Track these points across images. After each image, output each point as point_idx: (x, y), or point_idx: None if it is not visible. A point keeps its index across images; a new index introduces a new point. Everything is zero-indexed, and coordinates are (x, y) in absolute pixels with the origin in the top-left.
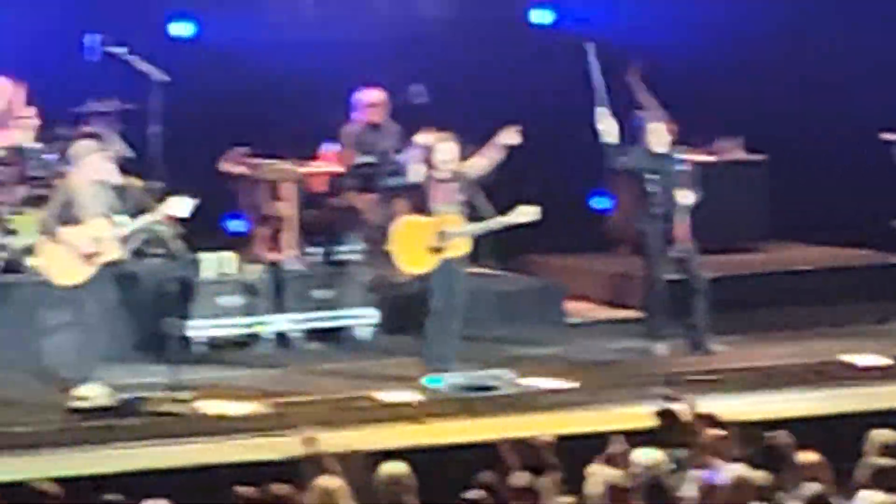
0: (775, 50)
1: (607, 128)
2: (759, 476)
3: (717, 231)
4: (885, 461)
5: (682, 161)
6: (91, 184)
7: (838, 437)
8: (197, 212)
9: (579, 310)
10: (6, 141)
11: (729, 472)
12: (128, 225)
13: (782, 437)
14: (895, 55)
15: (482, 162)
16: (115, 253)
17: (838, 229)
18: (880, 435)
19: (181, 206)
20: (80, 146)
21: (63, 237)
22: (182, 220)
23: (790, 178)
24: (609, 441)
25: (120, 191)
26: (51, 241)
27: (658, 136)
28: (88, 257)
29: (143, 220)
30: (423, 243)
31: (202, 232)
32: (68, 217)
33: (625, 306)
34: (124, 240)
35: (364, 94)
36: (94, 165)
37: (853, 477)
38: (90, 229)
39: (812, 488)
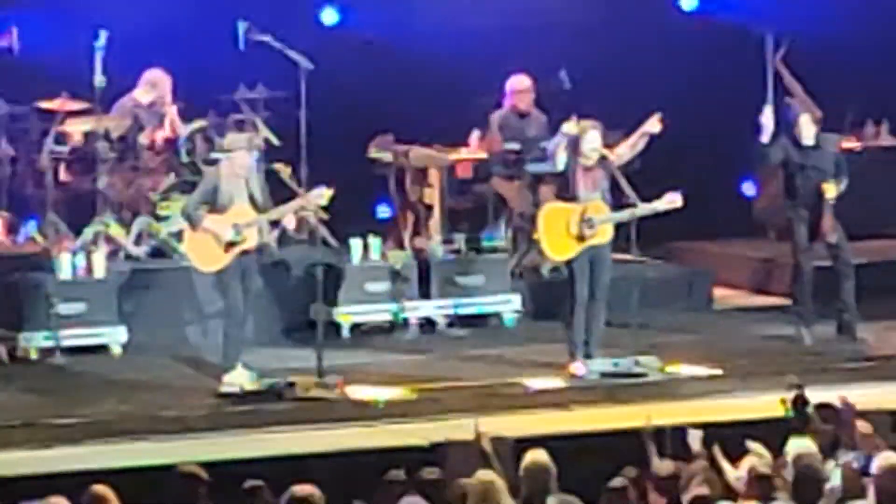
0: None
1: (767, 125)
2: None
3: (864, 217)
4: None
5: (831, 153)
6: (237, 175)
7: None
8: (345, 198)
9: (726, 296)
10: (159, 130)
11: (882, 459)
12: (270, 213)
13: None
14: None
15: (627, 150)
16: (255, 240)
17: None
18: None
19: (318, 196)
20: (232, 138)
21: (206, 224)
22: (326, 208)
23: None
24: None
25: (265, 180)
26: (194, 229)
27: (807, 128)
28: (230, 245)
29: (284, 208)
30: (569, 230)
31: (350, 218)
32: (213, 205)
33: (771, 293)
34: (267, 228)
35: (511, 80)
36: (241, 159)
37: None
38: (232, 217)
39: None
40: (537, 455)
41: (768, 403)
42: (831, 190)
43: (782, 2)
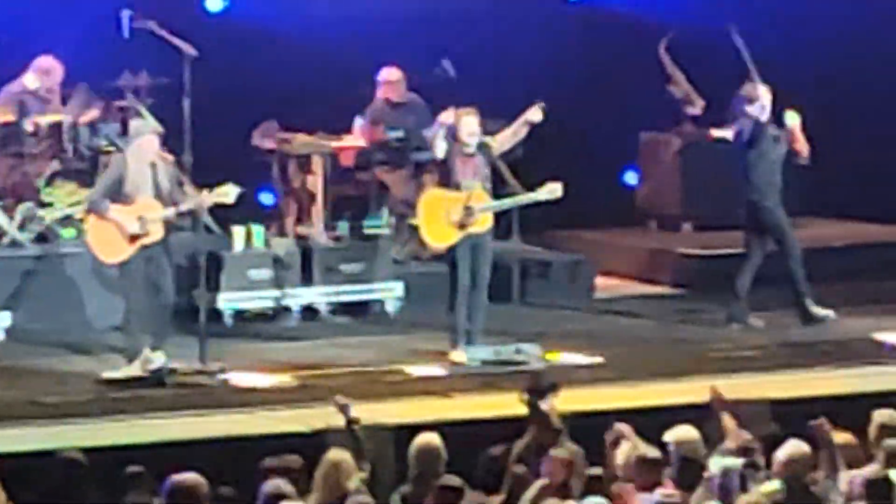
0: (805, 21)
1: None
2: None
3: None
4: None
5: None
6: (143, 162)
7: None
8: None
9: (608, 285)
10: (48, 117)
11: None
12: (175, 206)
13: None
14: None
15: (508, 138)
16: (160, 234)
17: (879, 205)
18: (882, 415)
19: (230, 193)
20: (137, 124)
21: (111, 216)
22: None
23: (824, 152)
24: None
25: (167, 170)
26: (99, 219)
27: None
28: (134, 238)
29: (190, 201)
30: (449, 218)
31: (233, 205)
32: (119, 194)
33: (653, 282)
34: (169, 220)
35: (382, 72)
36: (148, 145)
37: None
38: (139, 209)
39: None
40: (428, 438)
41: (650, 392)
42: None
43: None
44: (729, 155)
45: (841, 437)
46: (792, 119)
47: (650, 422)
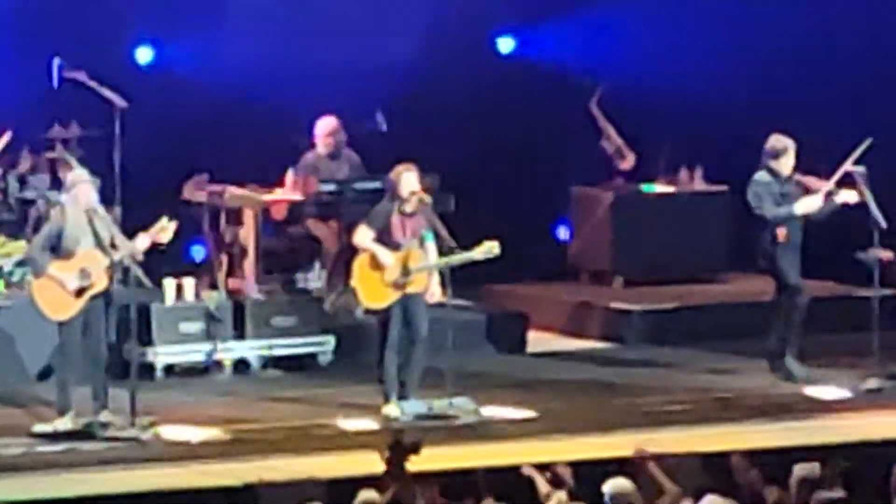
0: (736, 78)
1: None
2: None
3: (678, 262)
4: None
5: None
6: (82, 213)
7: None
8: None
9: (541, 339)
10: None
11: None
12: (120, 252)
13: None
14: (852, 86)
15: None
16: (104, 283)
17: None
18: (802, 468)
19: (167, 228)
20: (75, 174)
21: (50, 272)
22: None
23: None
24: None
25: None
26: (37, 277)
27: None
28: (79, 292)
29: (133, 246)
30: (386, 278)
31: (164, 258)
32: (58, 250)
33: (585, 336)
34: (112, 270)
35: (319, 123)
36: (85, 194)
37: None
38: (80, 261)
39: None
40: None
41: (582, 445)
42: None
43: (598, 46)
44: (659, 210)
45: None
46: None
47: (583, 475)
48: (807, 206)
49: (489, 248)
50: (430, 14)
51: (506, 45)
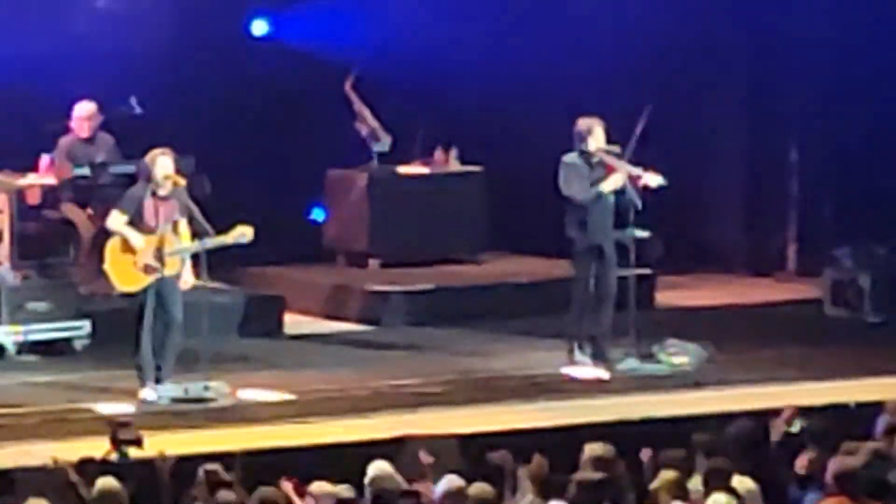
0: (492, 58)
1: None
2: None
3: (432, 242)
4: (596, 474)
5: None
6: None
7: (556, 449)
8: None
9: (297, 322)
10: None
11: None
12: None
13: (503, 455)
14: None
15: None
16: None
17: (554, 241)
18: (593, 448)
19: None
20: None
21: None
22: None
23: (506, 189)
24: None
25: None
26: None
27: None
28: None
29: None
30: (139, 261)
31: None
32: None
33: (342, 318)
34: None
35: (76, 107)
36: None
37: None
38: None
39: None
40: (108, 483)
41: (340, 427)
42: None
43: (351, 28)
44: (415, 191)
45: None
46: None
47: (343, 458)
48: (612, 183)
49: (242, 233)
50: None
51: (259, 27)
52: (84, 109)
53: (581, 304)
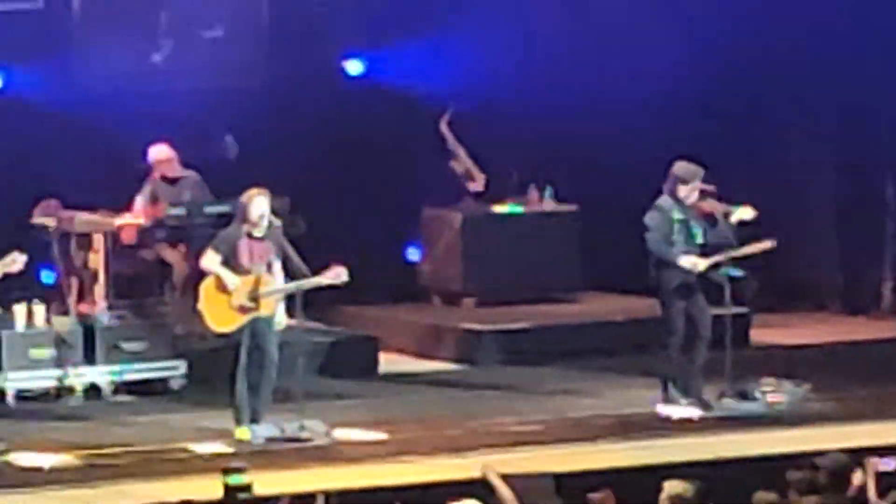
0: (587, 97)
1: None
2: None
3: (528, 282)
4: None
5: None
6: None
7: (646, 489)
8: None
9: (392, 361)
10: None
11: None
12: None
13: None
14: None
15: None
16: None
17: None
18: (672, 486)
19: (18, 263)
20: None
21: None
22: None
23: (600, 228)
24: None
25: None
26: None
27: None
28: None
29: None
30: (233, 302)
31: (14, 283)
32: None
33: (436, 358)
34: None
35: (152, 150)
36: None
37: None
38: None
39: None
40: None
41: (433, 467)
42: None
43: (446, 67)
44: (509, 230)
45: None
46: None
47: (434, 497)
48: (690, 263)
49: (337, 273)
50: (279, 37)
51: (354, 67)
52: (161, 153)
53: (674, 342)
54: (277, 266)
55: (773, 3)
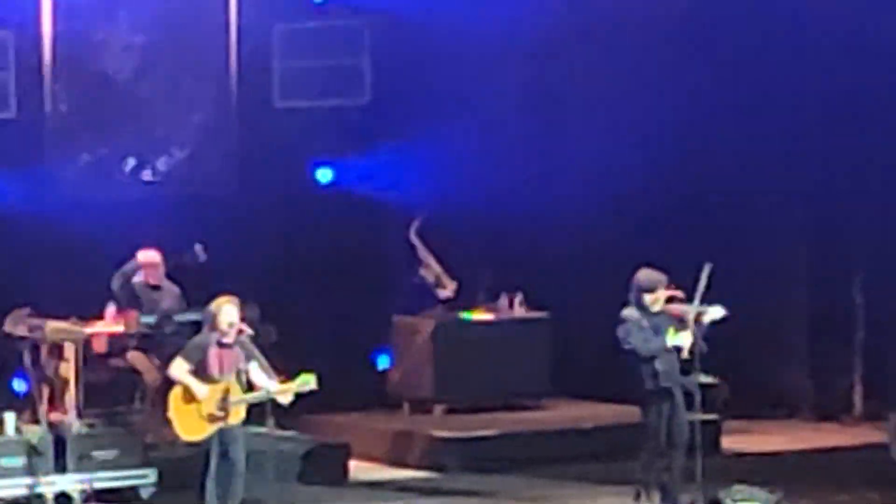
0: (556, 206)
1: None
2: None
3: (499, 388)
4: None
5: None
6: None
7: None
8: None
9: (362, 469)
10: None
11: None
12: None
13: None
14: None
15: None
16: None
17: (618, 387)
18: None
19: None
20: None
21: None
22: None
23: (570, 335)
24: None
25: None
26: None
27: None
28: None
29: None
30: (203, 410)
31: None
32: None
33: (407, 465)
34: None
35: (140, 255)
36: None
37: None
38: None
39: None
40: None
41: None
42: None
43: (416, 176)
44: (480, 337)
45: None
46: None
47: None
48: (678, 339)
49: (305, 381)
50: (249, 146)
51: (324, 175)
52: (149, 257)
53: (651, 450)
54: (252, 370)
55: (742, 112)
